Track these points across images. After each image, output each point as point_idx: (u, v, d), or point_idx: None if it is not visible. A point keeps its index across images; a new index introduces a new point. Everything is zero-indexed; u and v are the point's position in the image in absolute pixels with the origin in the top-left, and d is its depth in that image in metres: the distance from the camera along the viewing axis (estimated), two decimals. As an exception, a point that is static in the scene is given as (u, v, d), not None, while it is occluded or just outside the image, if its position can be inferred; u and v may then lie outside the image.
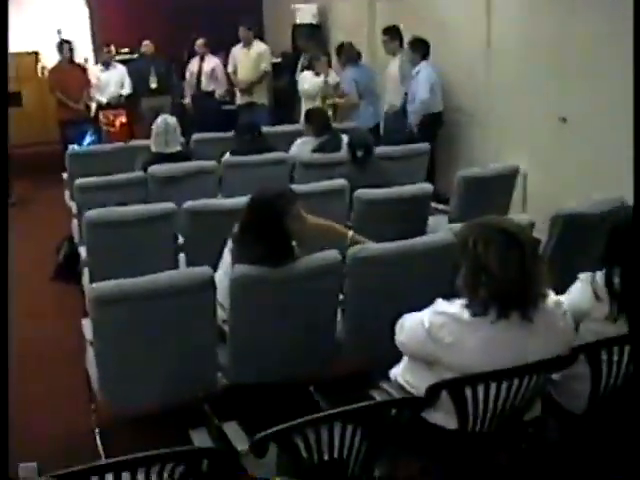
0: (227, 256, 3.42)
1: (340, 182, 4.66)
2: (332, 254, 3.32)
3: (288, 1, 10.45)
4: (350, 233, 3.82)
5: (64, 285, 5.80)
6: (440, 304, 2.46)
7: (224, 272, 3.33)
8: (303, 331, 3.37)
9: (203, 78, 9.27)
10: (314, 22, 9.74)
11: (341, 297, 3.51)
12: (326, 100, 7.54)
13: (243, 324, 3.31)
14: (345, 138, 5.65)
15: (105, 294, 3.03)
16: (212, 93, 9.32)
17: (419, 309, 2.55)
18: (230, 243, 3.44)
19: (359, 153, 4.95)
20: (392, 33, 7.39)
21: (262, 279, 3.20)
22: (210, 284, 3.18)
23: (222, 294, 3.26)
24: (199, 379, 3.41)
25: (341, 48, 7.98)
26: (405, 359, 2.68)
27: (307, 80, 7.83)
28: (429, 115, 6.90)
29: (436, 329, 2.41)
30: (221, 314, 3.36)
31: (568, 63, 5.70)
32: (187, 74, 9.39)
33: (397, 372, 2.72)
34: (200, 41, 9.21)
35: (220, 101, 9.51)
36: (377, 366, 2.96)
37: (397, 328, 2.63)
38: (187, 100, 9.51)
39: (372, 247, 3.45)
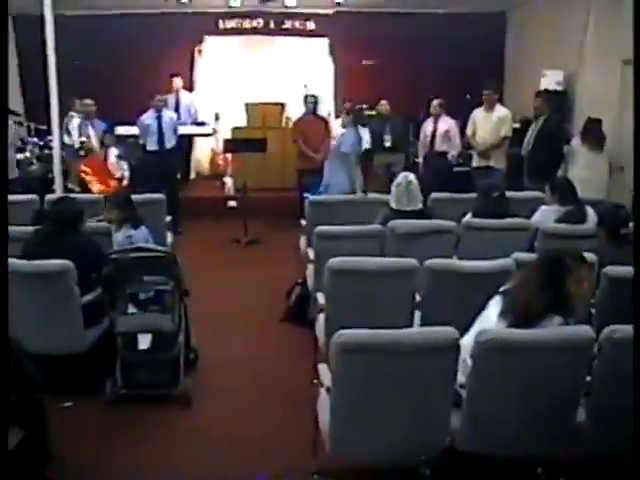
0: (492, 312, 3.37)
1: (589, 257, 4.44)
2: (586, 330, 3.15)
3: (533, 66, 10.34)
4: None
5: (293, 327, 5.99)
6: None
7: (479, 332, 3.25)
8: (546, 408, 3.21)
9: (437, 138, 9.31)
10: (559, 89, 9.53)
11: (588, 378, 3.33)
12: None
13: (484, 391, 3.21)
14: (590, 210, 5.43)
15: (350, 343, 3.07)
16: (445, 154, 9.33)
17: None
18: (498, 298, 3.39)
19: (622, 231, 4.67)
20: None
21: (511, 345, 3.10)
22: (454, 346, 3.13)
23: (468, 356, 3.20)
24: (427, 441, 3.36)
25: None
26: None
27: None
28: None
29: None
30: (460, 378, 3.29)
31: None
32: (421, 134, 9.48)
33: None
34: (435, 102, 9.28)
35: (453, 162, 9.51)
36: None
37: None
38: (420, 159, 9.59)
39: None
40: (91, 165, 8.91)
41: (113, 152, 9.22)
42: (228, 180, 10.57)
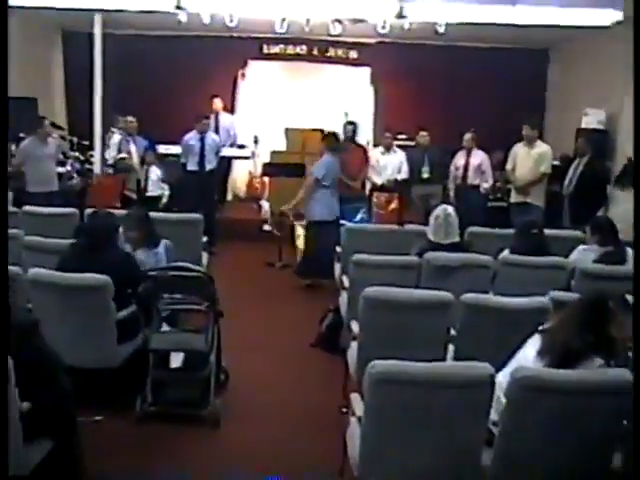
0: (529, 351, 3.34)
1: (631, 300, 4.39)
2: (626, 373, 3.10)
3: (574, 103, 10.31)
4: None
5: (324, 353, 5.98)
6: None
7: (515, 368, 3.22)
8: (581, 451, 3.16)
9: (470, 172, 9.29)
10: (600, 128, 9.47)
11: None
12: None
13: (517, 430, 3.16)
14: (630, 251, 5.38)
15: (385, 374, 3.05)
16: (477, 187, 9.31)
17: None
18: (536, 337, 3.38)
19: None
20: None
21: (549, 384, 3.07)
22: (489, 383, 3.10)
23: (502, 393, 3.16)
24: (457, 477, 3.31)
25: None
26: None
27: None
28: None
29: None
30: (493, 415, 3.25)
31: None
32: (452, 167, 9.48)
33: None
34: (468, 135, 9.28)
35: (486, 196, 9.49)
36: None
37: None
38: (451, 193, 9.56)
39: None
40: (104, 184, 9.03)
41: (154, 171, 9.33)
42: (264, 203, 10.62)
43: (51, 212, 6.77)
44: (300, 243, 8.72)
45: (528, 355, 3.38)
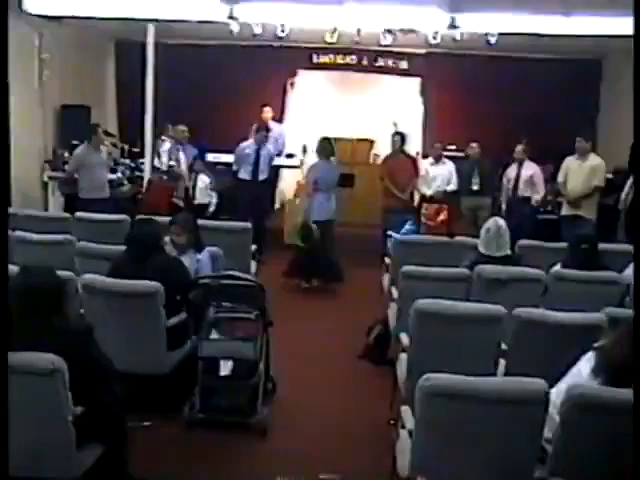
0: (583, 368, 3.27)
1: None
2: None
3: (628, 115, 10.09)
4: None
5: (371, 365, 5.95)
6: None
7: (571, 386, 3.16)
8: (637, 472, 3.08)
9: (521, 184, 9.19)
10: (657, 141, 9.28)
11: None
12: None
13: (571, 449, 3.10)
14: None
15: (438, 387, 3.02)
16: (528, 199, 9.20)
17: None
18: (591, 355, 3.30)
19: None
20: None
21: (605, 403, 3.01)
22: (543, 400, 3.04)
23: (555, 410, 3.11)
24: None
25: None
26: None
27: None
28: None
29: None
30: (547, 433, 3.19)
31: None
32: (504, 179, 9.37)
33: None
34: (519, 147, 9.17)
35: (537, 209, 9.37)
36: None
37: None
38: (503, 205, 9.46)
39: None
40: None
41: (202, 179, 9.40)
42: (312, 212, 10.61)
43: (103, 218, 6.86)
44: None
45: (582, 372, 3.31)
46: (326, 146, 8.53)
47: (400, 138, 9.66)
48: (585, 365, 3.34)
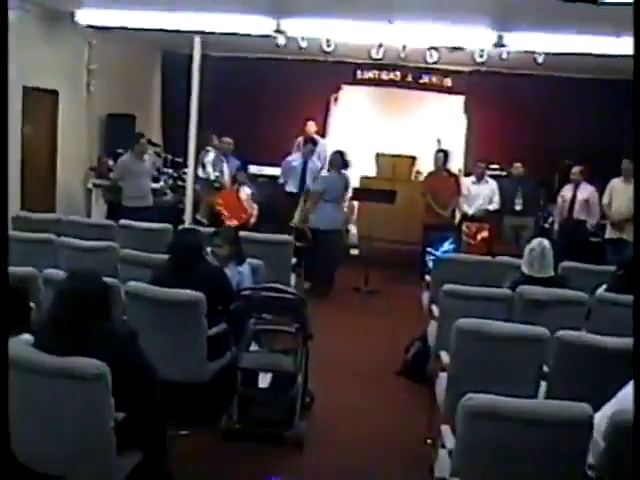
0: (630, 393, 3.22)
1: None
2: None
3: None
4: None
5: (408, 382, 5.93)
6: None
7: (617, 411, 3.10)
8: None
9: (576, 205, 9.07)
10: None
11: None
12: None
13: (616, 475, 3.04)
14: None
15: (480, 407, 2.99)
16: (583, 222, 9.08)
17: None
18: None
19: None
20: None
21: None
22: (587, 424, 2.99)
23: (600, 435, 3.05)
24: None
25: None
26: None
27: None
28: None
29: None
30: (590, 459, 3.13)
31: None
32: (559, 199, 9.26)
33: None
34: (577, 168, 9.06)
35: (590, 232, 9.23)
36: None
37: None
38: (555, 225, 9.35)
39: None
40: (226, 200, 9.16)
41: (245, 191, 9.46)
42: (352, 228, 10.64)
43: (146, 227, 6.93)
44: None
45: (629, 397, 3.25)
46: (337, 158, 8.69)
47: (443, 155, 9.65)
48: (631, 390, 3.28)
